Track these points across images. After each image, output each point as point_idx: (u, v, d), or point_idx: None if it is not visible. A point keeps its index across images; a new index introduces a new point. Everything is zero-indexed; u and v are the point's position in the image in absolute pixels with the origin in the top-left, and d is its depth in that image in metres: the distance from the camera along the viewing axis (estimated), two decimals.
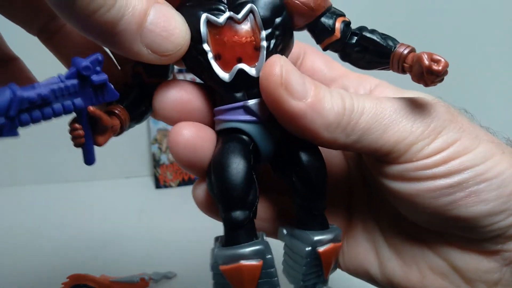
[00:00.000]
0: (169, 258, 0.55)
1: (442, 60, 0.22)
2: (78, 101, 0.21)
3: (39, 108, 0.19)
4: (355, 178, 0.32)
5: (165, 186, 0.78)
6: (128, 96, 0.25)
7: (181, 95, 0.25)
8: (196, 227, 0.60)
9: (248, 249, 0.22)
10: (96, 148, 0.22)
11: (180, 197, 0.75)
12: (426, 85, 0.22)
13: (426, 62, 0.22)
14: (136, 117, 0.25)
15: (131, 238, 0.60)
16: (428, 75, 0.22)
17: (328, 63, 0.32)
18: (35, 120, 0.20)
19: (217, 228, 0.28)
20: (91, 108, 0.21)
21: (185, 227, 0.61)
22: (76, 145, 0.22)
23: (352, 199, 0.32)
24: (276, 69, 0.22)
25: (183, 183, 0.78)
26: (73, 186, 0.76)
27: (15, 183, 0.76)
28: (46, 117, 0.20)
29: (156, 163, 0.77)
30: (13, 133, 0.19)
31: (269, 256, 0.23)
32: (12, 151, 0.75)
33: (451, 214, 0.24)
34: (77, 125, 0.21)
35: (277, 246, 0.27)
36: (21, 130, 0.20)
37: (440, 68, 0.21)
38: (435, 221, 0.26)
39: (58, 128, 0.30)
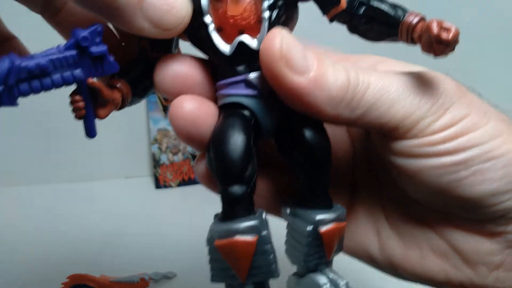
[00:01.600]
0: (169, 258, 0.55)
1: (453, 28, 0.21)
2: (78, 72, 0.21)
3: (38, 78, 0.20)
4: (360, 157, 0.31)
5: (165, 186, 0.78)
6: (132, 71, 0.25)
7: (181, 68, 0.24)
8: (196, 227, 0.59)
9: (243, 224, 0.22)
10: (96, 149, 0.22)
11: (180, 197, 0.75)
12: (436, 55, 0.21)
13: (435, 30, 0.20)
14: (139, 92, 0.25)
15: (131, 238, 0.60)
16: (438, 44, 0.21)
17: (327, 52, 0.31)
18: (34, 90, 0.20)
19: None
20: (90, 80, 0.21)
21: (185, 227, 0.61)
22: (77, 117, 0.22)
23: (355, 178, 0.31)
24: (276, 42, 0.22)
25: (183, 183, 0.78)
26: (73, 186, 0.76)
27: (15, 183, 0.76)
28: (45, 88, 0.20)
29: (156, 163, 0.77)
30: (12, 102, 0.19)
31: (265, 232, 0.22)
32: (12, 151, 0.75)
33: (455, 192, 0.24)
34: (77, 97, 0.21)
35: (280, 226, 0.27)
36: (21, 130, 0.20)
37: (450, 36, 0.20)
38: (438, 200, 0.25)
39: (58, 128, 0.30)
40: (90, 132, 0.22)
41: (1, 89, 0.18)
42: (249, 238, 0.22)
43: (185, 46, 0.26)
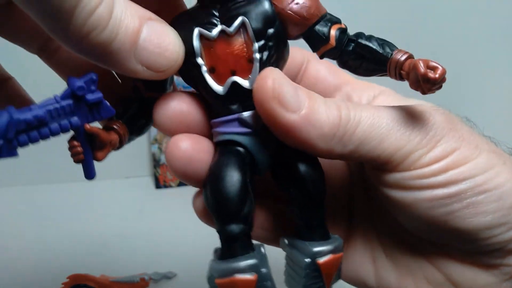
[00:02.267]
0: (169, 258, 0.55)
1: (439, 67, 0.21)
2: (75, 120, 0.21)
3: (36, 129, 0.20)
4: (357, 185, 0.31)
5: (165, 186, 0.78)
6: (127, 110, 0.25)
7: (181, 107, 0.25)
8: (196, 227, 0.59)
9: (242, 263, 0.22)
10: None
11: (180, 197, 0.74)
12: (424, 92, 0.22)
13: (422, 69, 0.21)
14: (136, 130, 0.26)
15: (131, 238, 0.60)
16: (425, 83, 0.21)
17: (332, 70, 0.32)
18: (33, 140, 0.21)
19: None
20: (87, 126, 0.22)
21: (185, 227, 0.61)
22: (76, 161, 0.22)
23: (353, 206, 0.32)
24: (268, 82, 0.22)
25: (183, 183, 0.78)
26: (73, 186, 0.76)
27: (15, 183, 0.76)
28: (43, 137, 0.21)
29: (156, 163, 0.77)
30: (12, 153, 0.20)
31: (264, 270, 0.23)
32: None
33: (449, 225, 0.24)
34: (75, 143, 0.22)
35: (279, 255, 0.28)
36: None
37: (436, 76, 0.21)
38: (432, 231, 0.25)
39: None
40: (89, 174, 0.23)
41: (1, 143, 0.19)
42: (248, 276, 0.22)
43: None
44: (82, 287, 0.48)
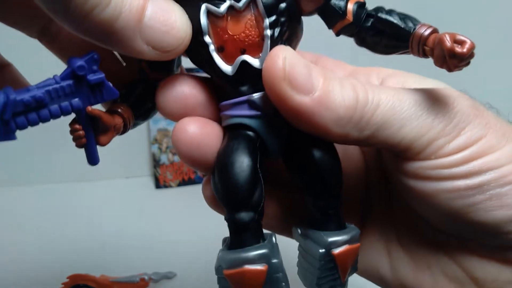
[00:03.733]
0: (169, 258, 0.55)
1: (468, 41, 0.19)
2: (76, 101, 0.20)
3: (35, 110, 0.19)
4: (373, 175, 0.30)
5: (165, 186, 0.78)
6: (133, 93, 0.24)
7: (184, 90, 0.24)
8: (196, 227, 0.60)
9: (252, 253, 0.21)
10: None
11: (180, 197, 0.75)
12: (450, 70, 0.20)
13: (448, 44, 0.19)
14: (142, 114, 0.25)
15: (131, 238, 0.60)
16: (451, 58, 0.19)
17: (339, 64, 0.31)
18: (32, 123, 0.19)
19: (217, 228, 0.27)
20: (89, 108, 0.21)
21: (185, 227, 0.61)
22: (78, 145, 0.21)
23: (368, 197, 0.30)
24: (279, 61, 0.21)
25: (183, 183, 0.78)
26: (73, 186, 0.76)
27: (15, 183, 0.76)
28: (43, 119, 0.20)
29: (156, 163, 0.77)
30: (9, 136, 0.19)
31: (275, 260, 0.21)
32: (12, 151, 0.75)
33: (470, 217, 0.23)
34: (77, 126, 0.21)
35: (292, 246, 0.26)
36: (20, 132, 0.20)
37: (464, 50, 0.19)
38: (452, 223, 0.24)
39: (58, 128, 0.30)
40: (92, 159, 0.22)
41: None
42: (258, 267, 0.21)
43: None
44: (82, 287, 0.48)
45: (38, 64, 0.34)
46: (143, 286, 0.50)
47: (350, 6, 0.22)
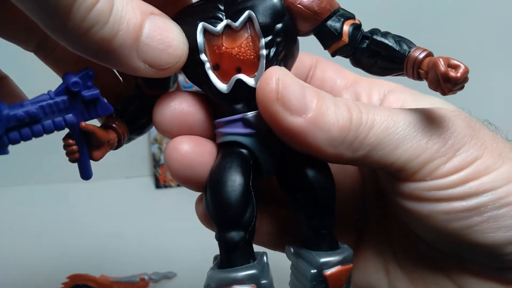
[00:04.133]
0: (169, 258, 0.55)
1: (461, 65, 0.19)
2: (70, 117, 0.20)
3: (28, 126, 0.19)
4: (369, 190, 0.30)
5: (165, 186, 0.78)
6: (128, 108, 0.24)
7: (182, 107, 0.24)
8: (196, 227, 0.60)
9: (241, 273, 0.21)
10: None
11: (180, 197, 0.74)
12: (444, 93, 0.20)
13: (442, 68, 0.19)
14: (137, 129, 0.25)
15: (131, 238, 0.60)
16: (445, 82, 0.19)
17: (339, 71, 0.31)
18: (25, 138, 0.19)
19: None
20: (83, 123, 0.21)
21: (185, 227, 0.61)
22: (71, 160, 0.21)
23: (364, 213, 0.30)
24: (272, 82, 0.21)
25: None
26: (74, 186, 0.76)
27: (15, 183, 0.76)
28: (36, 134, 0.20)
29: (156, 163, 0.77)
30: (2, 151, 0.19)
31: (264, 281, 0.21)
32: (12, 151, 0.74)
33: (467, 238, 0.22)
34: (70, 141, 0.21)
35: (286, 262, 0.26)
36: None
37: (458, 75, 0.19)
38: (450, 244, 0.24)
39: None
40: (85, 174, 0.22)
41: None
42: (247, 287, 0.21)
43: None
44: (82, 287, 0.48)
45: (34, 76, 0.34)
46: (143, 286, 0.50)
47: (346, 28, 0.22)
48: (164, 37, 0.21)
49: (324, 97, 0.22)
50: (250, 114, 0.23)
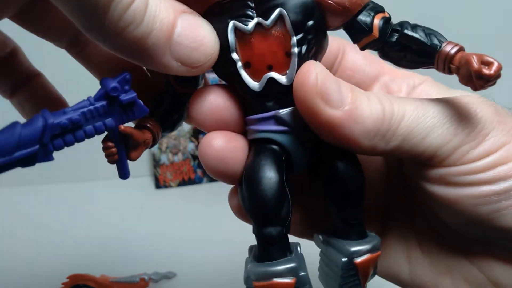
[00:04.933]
0: (169, 258, 0.55)
1: (495, 62, 0.20)
2: (109, 121, 0.21)
3: (71, 132, 0.20)
4: (394, 178, 0.30)
5: (165, 186, 0.78)
6: (160, 106, 0.25)
7: (218, 102, 0.24)
8: (196, 227, 0.60)
9: (281, 267, 0.22)
10: (96, 149, 0.22)
11: (180, 197, 0.75)
12: (475, 89, 0.20)
13: (476, 65, 0.19)
14: (169, 126, 0.25)
15: (131, 238, 0.60)
16: (478, 79, 0.20)
17: (369, 59, 0.31)
18: (68, 143, 0.20)
19: (217, 228, 0.28)
20: (121, 127, 0.21)
21: (185, 227, 0.61)
22: (110, 161, 0.22)
23: (389, 201, 0.31)
24: (311, 77, 0.21)
25: (183, 183, 0.78)
26: (73, 186, 0.76)
27: (15, 183, 0.76)
28: (78, 139, 0.21)
29: (156, 163, 0.77)
30: (48, 158, 0.20)
31: (303, 273, 0.22)
32: None
33: (495, 223, 0.23)
34: (109, 144, 0.22)
35: (313, 249, 0.27)
36: None
37: (492, 72, 0.19)
38: (477, 229, 0.24)
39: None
40: (124, 174, 0.23)
41: (37, 148, 0.19)
42: (287, 280, 0.22)
43: None
44: (82, 287, 0.48)
45: (67, 72, 0.34)
46: (143, 286, 0.50)
47: (376, 22, 0.22)
48: (196, 35, 0.21)
49: (357, 91, 0.23)
50: (283, 111, 0.23)
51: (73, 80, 0.28)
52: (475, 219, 0.23)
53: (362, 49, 0.23)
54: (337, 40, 0.30)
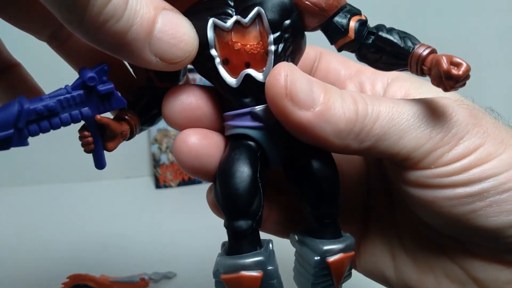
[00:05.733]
0: (169, 258, 0.55)
1: (463, 63, 0.20)
2: (86, 110, 0.21)
3: (47, 119, 0.20)
4: (375, 177, 0.31)
5: (165, 186, 0.78)
6: (140, 100, 0.25)
7: (191, 101, 0.24)
8: (196, 227, 0.60)
9: (248, 260, 0.22)
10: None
11: (180, 197, 0.75)
12: (446, 90, 0.21)
13: (445, 66, 0.20)
14: (148, 120, 0.26)
15: (131, 238, 0.60)
16: (447, 80, 0.20)
17: (343, 62, 0.31)
18: (43, 130, 0.21)
19: (217, 228, 0.28)
20: (98, 116, 0.22)
21: (185, 227, 0.61)
22: (86, 151, 0.22)
23: (370, 200, 0.31)
24: (281, 79, 0.22)
25: (183, 183, 0.78)
26: (73, 186, 0.76)
27: (15, 183, 0.76)
28: (54, 127, 0.21)
29: (156, 163, 0.77)
30: (22, 143, 0.20)
31: (271, 267, 0.22)
32: (12, 151, 0.75)
33: (471, 223, 0.23)
34: (86, 133, 0.22)
35: (290, 250, 0.27)
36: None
37: (460, 72, 0.20)
38: (455, 229, 0.25)
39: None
40: (99, 164, 0.23)
41: (11, 132, 0.19)
42: (254, 273, 0.22)
43: None
44: (82, 287, 0.48)
45: (46, 64, 0.35)
46: (143, 286, 0.50)
47: (352, 24, 0.23)
48: (175, 32, 0.22)
49: (331, 91, 0.23)
50: (258, 108, 0.23)
51: (52, 73, 0.28)
52: (452, 219, 0.24)
53: (339, 50, 0.24)
54: (315, 48, 0.31)
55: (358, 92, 0.28)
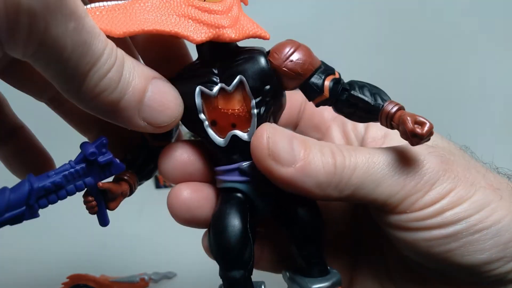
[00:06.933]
0: (169, 258, 0.55)
1: (427, 123, 0.22)
2: (89, 180, 0.24)
3: (54, 192, 0.23)
4: (362, 216, 0.32)
5: (165, 186, 0.78)
6: (136, 159, 0.27)
7: (183, 157, 0.27)
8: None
9: None
10: None
11: None
12: (412, 144, 0.23)
13: (410, 125, 0.22)
14: (145, 175, 0.28)
15: (131, 238, 0.60)
16: (413, 137, 0.22)
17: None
18: (51, 202, 0.23)
19: None
20: (100, 184, 0.24)
21: (185, 227, 0.61)
22: (91, 213, 0.25)
23: (359, 237, 0.33)
24: (263, 141, 0.24)
25: None
26: None
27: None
28: (61, 198, 0.23)
29: None
30: (34, 216, 0.23)
31: None
32: None
33: (449, 260, 0.25)
34: (89, 198, 0.24)
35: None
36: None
37: (423, 131, 0.22)
38: (436, 264, 0.26)
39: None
40: (104, 222, 0.26)
41: (23, 209, 0.22)
42: None
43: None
44: (82, 287, 0.48)
45: (48, 124, 0.36)
46: (143, 286, 0.50)
47: (327, 83, 0.25)
48: (163, 100, 0.24)
49: (310, 146, 0.25)
50: (245, 164, 0.26)
51: (53, 133, 0.29)
52: (431, 257, 0.25)
53: (317, 106, 0.26)
54: (302, 94, 0.32)
55: (342, 136, 0.32)
